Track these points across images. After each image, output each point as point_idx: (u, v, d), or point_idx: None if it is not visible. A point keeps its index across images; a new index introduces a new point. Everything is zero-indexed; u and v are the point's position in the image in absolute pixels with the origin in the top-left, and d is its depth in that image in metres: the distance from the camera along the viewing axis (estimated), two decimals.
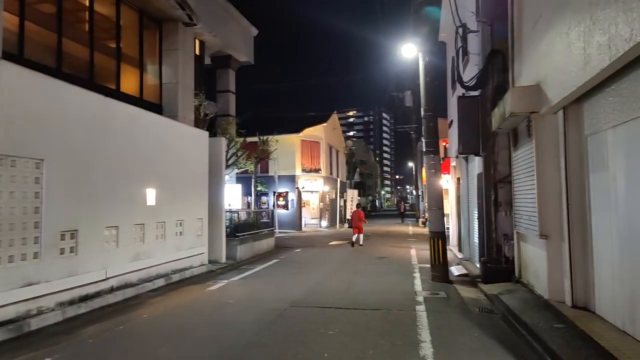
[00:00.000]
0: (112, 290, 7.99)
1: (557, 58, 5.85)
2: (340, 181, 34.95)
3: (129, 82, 11.21)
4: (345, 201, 35.08)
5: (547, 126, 6.61)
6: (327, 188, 31.03)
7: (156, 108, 11.80)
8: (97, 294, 7.62)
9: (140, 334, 6.14)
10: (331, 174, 32.83)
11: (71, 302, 7.04)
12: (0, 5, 6.87)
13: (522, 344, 5.34)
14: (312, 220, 30.27)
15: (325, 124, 31.05)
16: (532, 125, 7.01)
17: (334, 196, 33.14)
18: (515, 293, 7.41)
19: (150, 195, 9.46)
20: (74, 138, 7.41)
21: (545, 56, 6.38)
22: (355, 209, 20.73)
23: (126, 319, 6.82)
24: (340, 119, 41.28)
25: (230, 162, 16.23)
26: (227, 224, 13.35)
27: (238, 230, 13.90)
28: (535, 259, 7.22)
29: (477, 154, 10.06)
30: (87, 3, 10.04)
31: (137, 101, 10.91)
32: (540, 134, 6.79)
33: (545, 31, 6.29)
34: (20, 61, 7.48)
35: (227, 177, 14.57)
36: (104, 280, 7.84)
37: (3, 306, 5.90)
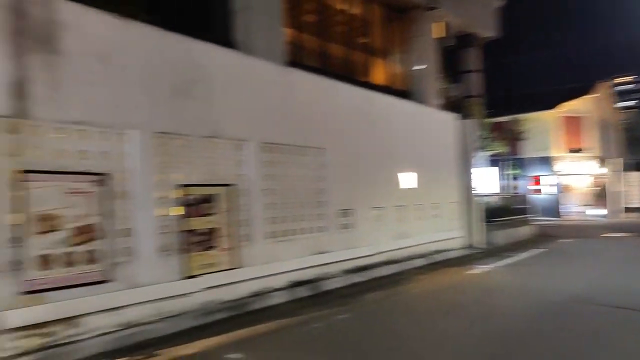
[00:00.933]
0: (381, 264, 9.08)
1: None
2: (616, 162, 29.58)
3: (379, 73, 12.39)
4: (625, 185, 29.51)
5: None
6: (595, 170, 26.81)
7: (405, 95, 12.65)
8: (370, 266, 8.81)
9: (414, 305, 6.84)
10: (602, 153, 28.15)
11: (351, 271, 8.36)
12: (279, 23, 8.65)
13: None
14: (576, 208, 26.70)
15: (590, 96, 26.86)
16: None
17: (607, 180, 28.33)
18: None
19: (408, 179, 10.31)
20: (344, 129, 8.75)
21: None
22: None
23: (399, 291, 7.67)
24: (610, 87, 34.80)
25: (479, 144, 15.95)
26: (480, 208, 13.23)
27: (492, 215, 13.60)
28: None
29: None
30: (341, 7, 11.57)
31: (388, 90, 11.95)
32: None
33: None
34: (300, 67, 9.25)
35: (477, 160, 14.40)
36: (374, 255, 9.00)
37: (305, 268, 7.51)
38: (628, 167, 31.61)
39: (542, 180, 25.34)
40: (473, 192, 12.76)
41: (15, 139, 4.55)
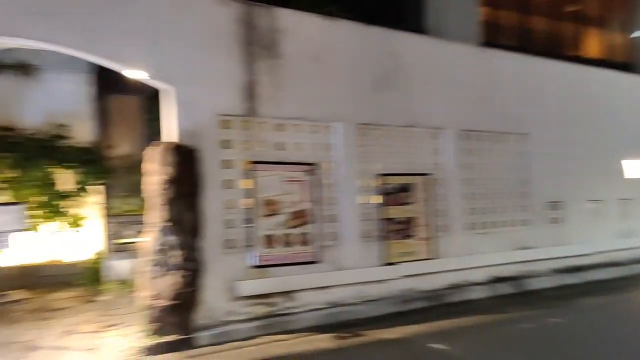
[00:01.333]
0: (599, 266, 7.98)
1: None
2: None
3: (594, 45, 10.76)
4: None
5: None
6: None
7: (628, 68, 10.75)
8: (585, 267, 7.82)
9: None
10: None
11: (561, 271, 7.57)
12: (473, 2, 8.18)
13: None
14: None
15: None
16: None
17: None
18: None
19: (636, 167, 8.80)
20: (552, 111, 7.92)
21: None
22: None
23: (624, 299, 6.67)
24: None
25: None
26: None
27: None
28: None
29: None
30: None
31: (605, 64, 10.31)
32: None
33: None
34: (498, 46, 8.63)
35: None
36: (590, 254, 7.93)
37: (506, 264, 7.07)
38: None
39: None
40: None
41: (247, 134, 5.39)
